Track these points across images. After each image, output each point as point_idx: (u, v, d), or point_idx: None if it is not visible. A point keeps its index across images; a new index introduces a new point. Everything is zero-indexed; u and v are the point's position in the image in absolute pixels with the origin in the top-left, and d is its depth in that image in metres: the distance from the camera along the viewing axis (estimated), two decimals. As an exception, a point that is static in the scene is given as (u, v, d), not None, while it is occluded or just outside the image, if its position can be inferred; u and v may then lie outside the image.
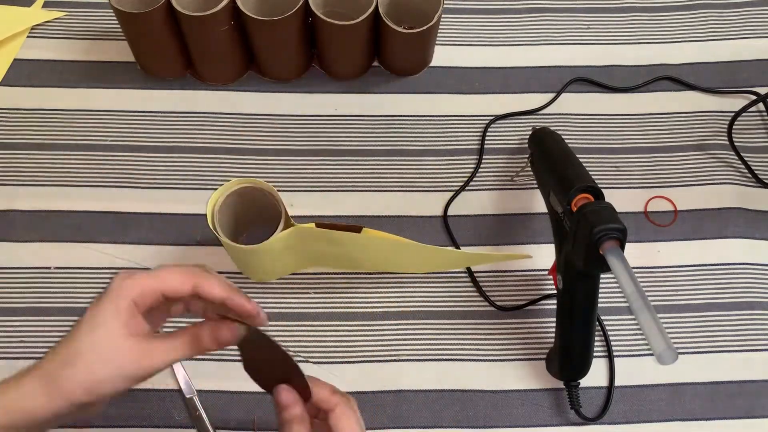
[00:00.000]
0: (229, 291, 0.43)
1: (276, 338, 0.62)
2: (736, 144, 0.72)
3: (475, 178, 0.70)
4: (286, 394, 0.46)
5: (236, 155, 0.71)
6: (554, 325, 0.59)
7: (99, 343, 0.41)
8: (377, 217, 0.68)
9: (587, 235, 0.49)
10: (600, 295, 0.56)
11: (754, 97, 0.73)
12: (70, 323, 0.63)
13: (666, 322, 0.64)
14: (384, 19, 0.67)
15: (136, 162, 0.70)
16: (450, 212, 0.69)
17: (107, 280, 0.64)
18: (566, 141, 0.63)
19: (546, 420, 0.61)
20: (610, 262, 0.48)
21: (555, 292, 0.60)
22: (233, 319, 0.44)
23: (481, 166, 0.71)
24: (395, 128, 0.73)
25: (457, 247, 0.67)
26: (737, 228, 0.68)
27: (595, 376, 0.62)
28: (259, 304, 0.44)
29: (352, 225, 0.57)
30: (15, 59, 0.75)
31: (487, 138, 0.72)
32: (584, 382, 0.60)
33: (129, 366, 0.41)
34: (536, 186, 0.64)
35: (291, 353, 0.62)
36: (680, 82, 0.76)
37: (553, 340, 0.60)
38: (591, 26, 0.79)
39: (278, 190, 0.69)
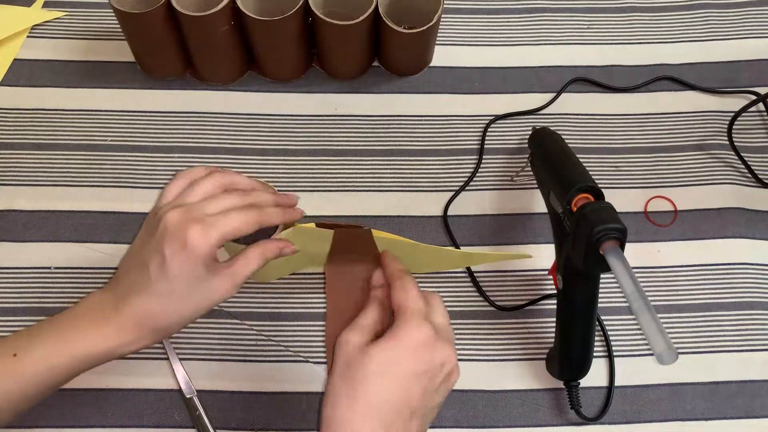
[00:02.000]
0: (284, 215, 0.49)
1: (276, 338, 0.63)
2: (736, 144, 0.72)
3: (475, 178, 0.70)
4: (378, 275, 0.51)
5: (236, 155, 0.71)
6: (554, 325, 0.59)
7: (185, 295, 0.44)
8: (377, 217, 0.68)
9: (587, 235, 0.49)
10: (600, 295, 0.56)
11: (754, 97, 0.73)
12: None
13: (666, 322, 0.64)
14: (384, 19, 0.67)
15: (136, 162, 0.70)
16: (450, 212, 0.69)
17: (107, 280, 0.64)
18: (566, 141, 0.63)
19: (546, 420, 0.61)
20: (610, 262, 0.48)
21: (555, 292, 0.60)
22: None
23: (481, 166, 0.71)
24: (395, 128, 0.73)
25: (457, 247, 0.67)
26: (737, 228, 0.68)
27: (595, 376, 0.62)
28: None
29: (353, 225, 0.57)
30: (15, 59, 0.75)
31: (487, 138, 0.72)
32: (584, 382, 0.60)
33: (217, 297, 0.46)
34: (536, 186, 0.64)
35: (290, 353, 0.62)
36: (680, 82, 0.76)
37: (553, 340, 0.60)
38: (591, 26, 0.79)
39: (278, 190, 0.69)
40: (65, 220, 0.67)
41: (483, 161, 0.71)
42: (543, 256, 0.67)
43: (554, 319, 0.59)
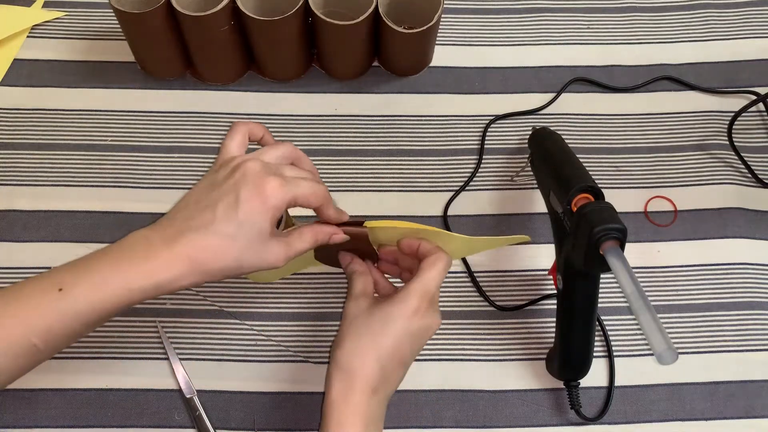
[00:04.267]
0: (341, 214, 0.53)
1: (276, 338, 0.63)
2: (736, 144, 0.72)
3: (475, 178, 0.70)
4: (344, 255, 0.56)
5: (236, 155, 0.71)
6: (554, 325, 0.59)
7: (246, 242, 0.45)
8: (377, 217, 0.68)
9: (587, 235, 0.49)
10: (600, 295, 0.56)
11: (754, 97, 0.73)
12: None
13: (666, 322, 0.64)
14: (384, 19, 0.67)
15: (136, 162, 0.70)
16: (450, 212, 0.69)
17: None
18: (566, 141, 0.63)
19: (546, 420, 0.61)
20: (610, 262, 0.48)
21: (555, 292, 0.60)
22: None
23: (481, 166, 0.71)
24: (395, 128, 0.73)
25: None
26: (737, 228, 0.68)
27: (595, 376, 0.62)
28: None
29: (354, 221, 0.56)
30: (15, 59, 0.75)
31: (487, 138, 0.72)
32: (584, 382, 0.60)
33: (271, 261, 0.47)
34: (536, 186, 0.64)
35: (290, 353, 0.62)
36: (680, 82, 0.76)
37: (553, 340, 0.60)
38: (591, 26, 0.79)
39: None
40: (65, 220, 0.67)
41: (483, 161, 0.71)
42: (543, 256, 0.67)
43: (554, 319, 0.59)
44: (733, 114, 0.73)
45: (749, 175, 0.71)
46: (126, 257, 0.44)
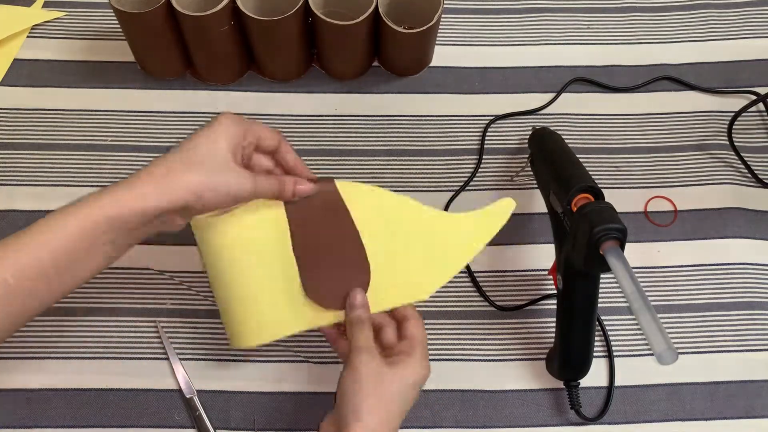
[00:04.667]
0: (298, 161, 0.56)
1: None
2: (736, 144, 0.72)
3: (475, 178, 0.70)
4: (362, 296, 0.54)
5: (236, 155, 0.71)
6: (554, 325, 0.59)
7: (215, 158, 0.49)
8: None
9: (587, 235, 0.49)
10: (600, 295, 0.56)
11: (754, 97, 0.73)
12: (70, 323, 0.63)
13: (666, 322, 0.64)
14: (384, 19, 0.67)
15: (136, 162, 0.70)
16: (450, 212, 0.69)
17: (107, 280, 0.64)
18: (566, 141, 0.63)
19: (546, 420, 0.61)
20: (610, 262, 0.48)
21: (555, 292, 0.60)
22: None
23: (481, 166, 0.71)
24: (395, 128, 0.73)
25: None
26: (737, 228, 0.68)
27: (595, 376, 0.62)
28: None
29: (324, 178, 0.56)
30: (15, 59, 0.75)
31: (487, 138, 0.72)
32: (584, 382, 0.60)
33: (234, 184, 0.49)
34: (536, 186, 0.64)
35: (290, 353, 0.62)
36: (680, 82, 0.76)
37: (553, 340, 0.60)
38: (591, 26, 0.79)
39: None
40: (65, 220, 0.67)
41: (483, 161, 0.71)
42: (543, 256, 0.67)
43: (554, 319, 0.59)
44: (733, 114, 0.73)
45: (749, 175, 0.71)
46: (109, 189, 0.46)
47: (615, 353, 0.63)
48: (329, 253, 0.54)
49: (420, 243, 0.57)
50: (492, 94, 0.75)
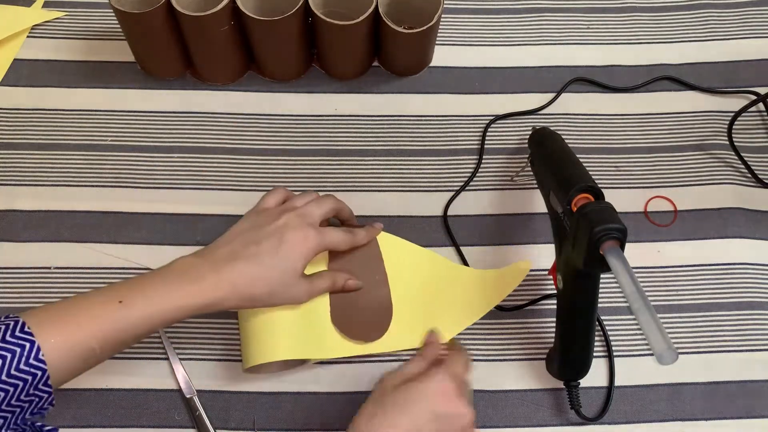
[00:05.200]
0: (367, 236, 0.62)
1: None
2: (736, 144, 0.72)
3: (475, 178, 0.70)
4: (432, 335, 0.58)
5: (236, 155, 0.71)
6: (554, 325, 0.59)
7: (288, 275, 0.53)
8: (377, 217, 0.68)
9: (587, 235, 0.49)
10: (600, 295, 0.56)
11: (754, 97, 0.73)
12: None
13: (666, 322, 0.64)
14: (384, 19, 0.67)
15: (136, 162, 0.70)
16: (450, 212, 0.69)
17: (107, 280, 0.64)
18: (566, 141, 0.63)
19: (546, 420, 0.61)
20: (610, 262, 0.48)
21: (555, 292, 0.60)
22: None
23: (481, 166, 0.71)
24: (395, 128, 0.73)
25: (458, 249, 0.67)
26: (737, 228, 0.68)
27: (595, 376, 0.62)
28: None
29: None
30: (15, 59, 0.75)
31: (487, 138, 0.72)
32: (584, 382, 0.60)
33: (294, 296, 0.55)
34: (536, 186, 0.64)
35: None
36: (680, 81, 0.76)
37: (553, 340, 0.60)
38: (591, 26, 0.79)
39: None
40: (65, 220, 0.67)
41: (483, 161, 0.71)
42: (543, 256, 0.67)
43: (554, 319, 0.59)
44: (733, 114, 0.73)
45: (749, 175, 0.71)
46: (177, 279, 0.50)
47: (615, 353, 0.63)
48: (359, 291, 0.61)
49: (441, 294, 0.64)
50: (492, 94, 0.75)
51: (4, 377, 0.43)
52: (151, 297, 0.48)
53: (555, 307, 0.59)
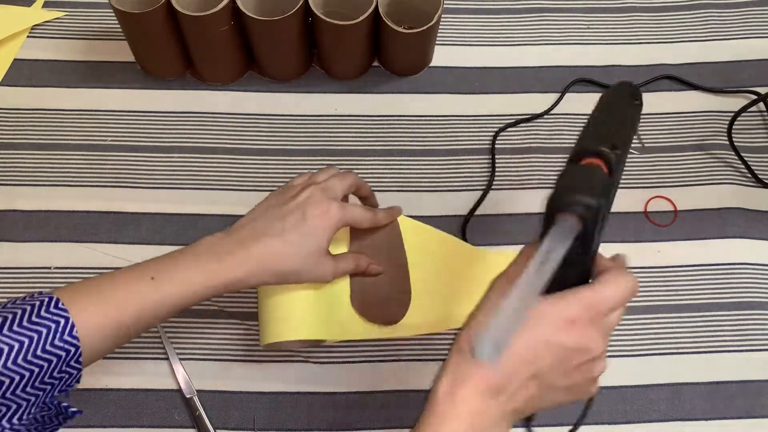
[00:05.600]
0: (388, 216, 0.61)
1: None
2: (736, 144, 0.72)
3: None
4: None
5: (236, 155, 0.71)
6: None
7: (312, 253, 0.52)
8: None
9: (549, 197, 0.40)
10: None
11: (754, 97, 0.73)
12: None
13: (666, 322, 0.64)
14: (384, 19, 0.67)
15: (136, 162, 0.70)
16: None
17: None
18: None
19: (546, 420, 0.61)
20: (548, 235, 0.39)
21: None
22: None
23: (496, 170, 0.71)
24: (395, 128, 0.73)
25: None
26: (737, 228, 0.68)
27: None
28: None
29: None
30: (15, 59, 0.75)
31: (496, 142, 0.72)
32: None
33: (319, 273, 0.54)
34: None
35: (290, 353, 0.62)
36: (681, 81, 0.75)
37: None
38: (591, 26, 0.79)
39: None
40: (65, 220, 0.67)
41: (496, 163, 0.71)
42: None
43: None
44: (733, 114, 0.73)
45: (749, 175, 0.71)
46: (205, 256, 0.50)
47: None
48: (380, 275, 0.61)
49: (461, 279, 0.64)
50: (492, 94, 0.75)
51: (39, 352, 0.43)
52: (182, 275, 0.49)
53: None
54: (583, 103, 0.74)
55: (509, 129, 0.73)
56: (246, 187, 0.69)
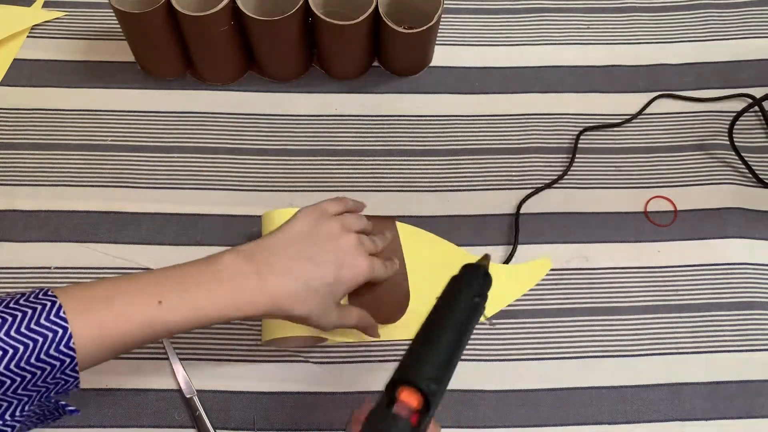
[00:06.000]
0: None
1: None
2: (736, 144, 0.72)
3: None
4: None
5: (236, 155, 0.71)
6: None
7: (326, 302, 0.51)
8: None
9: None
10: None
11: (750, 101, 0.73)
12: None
13: (666, 322, 0.64)
14: (384, 19, 0.67)
15: (136, 162, 0.70)
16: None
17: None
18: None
19: (546, 420, 0.61)
20: None
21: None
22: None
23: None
24: (395, 128, 0.73)
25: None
26: (737, 228, 0.68)
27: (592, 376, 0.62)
28: None
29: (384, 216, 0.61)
30: (15, 59, 0.75)
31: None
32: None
33: (325, 324, 0.52)
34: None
35: (290, 353, 0.62)
36: (677, 97, 0.75)
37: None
38: (591, 26, 0.79)
39: (278, 190, 0.69)
40: (65, 220, 0.67)
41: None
42: (544, 256, 0.67)
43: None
44: (732, 113, 0.73)
45: (749, 175, 0.71)
46: (219, 285, 0.48)
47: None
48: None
49: None
50: (492, 94, 0.75)
51: (33, 360, 0.42)
52: (191, 302, 0.47)
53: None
54: (584, 102, 0.74)
55: (509, 129, 0.73)
56: (246, 187, 0.69)
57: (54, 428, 0.59)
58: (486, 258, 0.50)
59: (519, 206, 0.69)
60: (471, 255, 0.66)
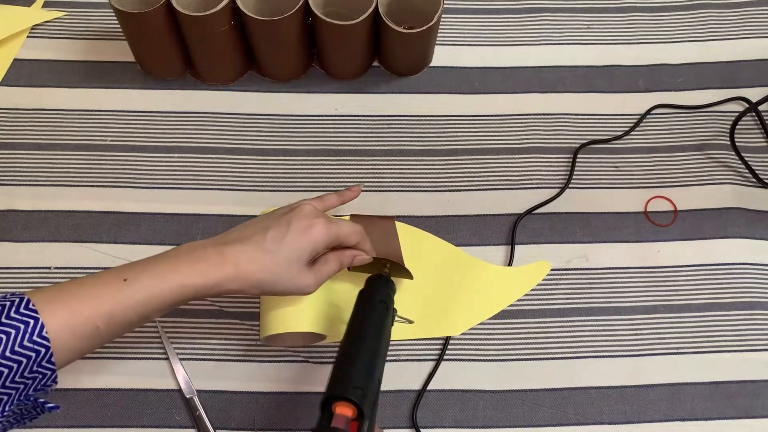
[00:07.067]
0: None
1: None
2: (736, 144, 0.72)
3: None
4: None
5: (236, 155, 0.71)
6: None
7: (292, 264, 0.52)
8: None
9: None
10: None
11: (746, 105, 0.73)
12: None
13: (666, 322, 0.64)
14: (384, 19, 0.67)
15: (136, 162, 0.70)
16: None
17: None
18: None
19: (546, 420, 0.61)
20: None
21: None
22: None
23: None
24: (395, 128, 0.73)
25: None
26: (737, 228, 0.68)
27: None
28: None
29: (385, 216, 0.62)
30: (15, 59, 0.75)
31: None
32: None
33: (298, 287, 0.53)
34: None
35: (290, 353, 0.62)
36: (673, 106, 0.74)
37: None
38: (591, 26, 0.79)
39: (278, 190, 0.69)
40: (65, 220, 0.67)
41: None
42: (543, 255, 0.67)
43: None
44: (732, 114, 0.73)
45: (749, 175, 0.71)
46: (182, 258, 0.50)
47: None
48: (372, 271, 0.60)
49: (457, 287, 0.65)
50: (492, 94, 0.75)
51: (8, 353, 0.43)
52: (155, 275, 0.48)
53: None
54: (583, 102, 0.74)
55: (509, 129, 0.73)
56: (246, 187, 0.69)
57: (54, 428, 0.59)
58: (385, 266, 0.58)
59: (516, 222, 0.69)
60: (471, 255, 0.66)
